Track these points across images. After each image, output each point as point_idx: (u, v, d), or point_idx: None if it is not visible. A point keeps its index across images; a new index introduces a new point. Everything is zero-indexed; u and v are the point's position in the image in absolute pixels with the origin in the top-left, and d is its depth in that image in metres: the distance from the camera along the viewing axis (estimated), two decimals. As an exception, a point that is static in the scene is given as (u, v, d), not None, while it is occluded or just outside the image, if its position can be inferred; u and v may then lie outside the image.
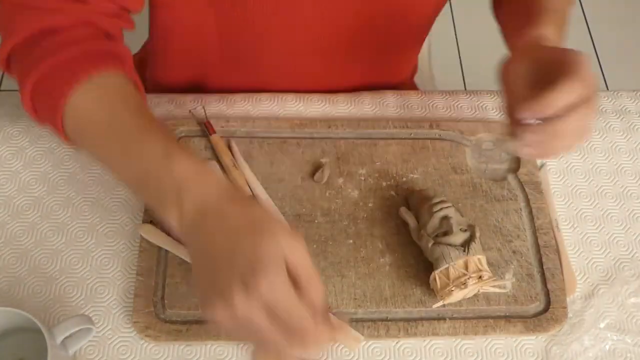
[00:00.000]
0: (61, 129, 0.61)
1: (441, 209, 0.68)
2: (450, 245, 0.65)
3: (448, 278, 0.65)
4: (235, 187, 0.69)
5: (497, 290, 0.67)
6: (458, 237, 0.66)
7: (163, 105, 0.81)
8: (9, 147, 0.76)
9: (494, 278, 0.65)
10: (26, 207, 0.72)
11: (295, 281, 0.49)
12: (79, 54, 0.61)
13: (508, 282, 0.67)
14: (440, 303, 0.66)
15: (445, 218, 0.67)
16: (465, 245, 0.65)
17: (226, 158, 0.74)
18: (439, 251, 0.65)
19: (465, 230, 0.67)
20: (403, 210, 0.71)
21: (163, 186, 0.54)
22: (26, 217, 0.72)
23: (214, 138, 0.75)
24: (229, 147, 0.75)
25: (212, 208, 0.52)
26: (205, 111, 0.77)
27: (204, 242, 0.52)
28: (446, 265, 0.64)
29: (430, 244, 0.66)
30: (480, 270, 0.65)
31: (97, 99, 0.60)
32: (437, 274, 0.65)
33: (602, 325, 0.68)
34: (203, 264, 0.52)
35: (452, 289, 0.64)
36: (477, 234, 0.67)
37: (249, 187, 0.73)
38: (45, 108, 0.62)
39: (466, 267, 0.65)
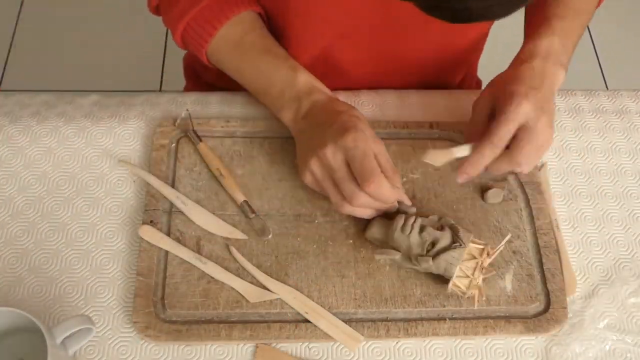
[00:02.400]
0: (205, 58, 0.78)
1: (411, 225, 0.67)
2: (446, 249, 0.65)
3: (466, 275, 0.65)
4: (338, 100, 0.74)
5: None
6: (445, 237, 0.66)
7: (163, 106, 0.81)
8: (9, 147, 0.76)
9: (493, 246, 0.67)
10: (26, 207, 0.72)
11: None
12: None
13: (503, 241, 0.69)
14: (476, 300, 0.66)
15: (422, 230, 0.66)
16: (456, 238, 0.66)
17: (213, 166, 0.74)
18: (443, 260, 0.65)
19: (442, 226, 0.67)
20: (378, 252, 0.69)
21: (286, 91, 0.72)
22: (26, 217, 0.72)
23: (202, 147, 0.75)
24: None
25: (322, 102, 0.71)
26: (191, 120, 0.77)
27: (311, 123, 0.70)
28: (459, 267, 0.65)
29: (430, 262, 0.65)
30: (482, 245, 0.66)
31: (234, 35, 0.76)
32: (454, 280, 0.65)
33: (602, 325, 0.68)
34: (306, 138, 0.69)
35: (478, 280, 0.65)
36: (451, 220, 0.67)
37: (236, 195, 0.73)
38: (193, 46, 0.78)
39: (471, 254, 0.65)
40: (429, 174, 0.76)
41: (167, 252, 0.69)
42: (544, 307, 0.68)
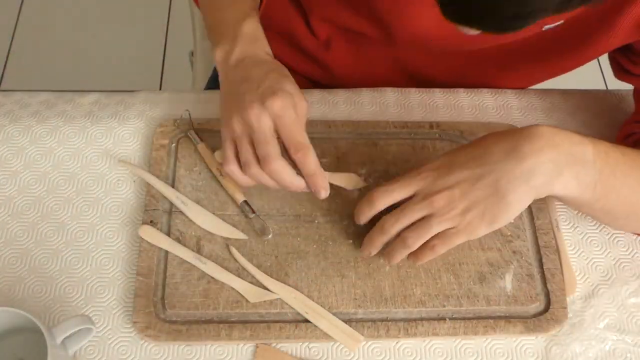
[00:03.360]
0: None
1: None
2: None
3: None
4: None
5: None
6: None
7: (162, 106, 0.81)
8: (9, 147, 0.76)
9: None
10: (26, 207, 0.72)
11: None
12: None
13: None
14: None
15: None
16: None
17: (213, 166, 0.74)
18: None
19: None
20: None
21: (227, 30, 0.70)
22: (26, 217, 0.72)
23: (202, 147, 0.75)
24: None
25: (253, 56, 0.68)
26: (191, 120, 0.77)
27: (239, 76, 0.67)
28: None
29: None
30: None
31: None
32: None
33: (602, 325, 0.68)
34: (232, 91, 0.67)
35: None
36: None
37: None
38: None
39: None
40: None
41: (167, 252, 0.69)
42: (544, 307, 0.68)
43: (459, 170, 0.61)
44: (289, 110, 0.63)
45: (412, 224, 0.63)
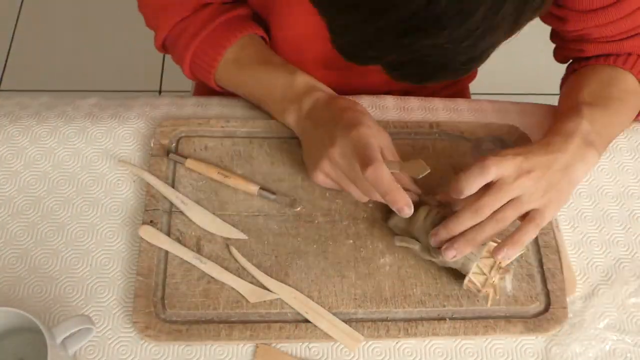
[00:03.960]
0: (214, 84, 0.79)
1: (433, 216, 0.67)
2: None
3: (482, 272, 0.65)
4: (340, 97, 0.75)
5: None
6: None
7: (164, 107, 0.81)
8: (9, 147, 0.76)
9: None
10: (26, 207, 0.72)
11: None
12: (218, 27, 0.77)
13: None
14: (490, 298, 0.66)
15: (443, 220, 0.66)
16: None
17: (213, 174, 0.73)
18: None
19: None
20: (398, 239, 0.69)
21: (286, 93, 0.73)
22: (26, 217, 0.72)
23: (190, 163, 0.74)
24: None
25: (323, 100, 0.72)
26: (167, 145, 0.76)
27: (315, 122, 0.70)
28: (476, 263, 0.65)
29: None
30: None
31: (235, 55, 0.77)
32: (470, 277, 0.65)
33: (602, 325, 0.68)
34: (312, 138, 0.70)
35: (494, 279, 0.64)
36: None
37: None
38: (201, 75, 0.80)
39: (489, 252, 0.65)
40: (429, 174, 0.75)
41: (167, 252, 0.69)
42: (544, 307, 0.68)
43: (534, 156, 0.64)
44: (366, 137, 0.64)
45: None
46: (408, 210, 0.62)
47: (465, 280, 0.66)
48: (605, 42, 0.75)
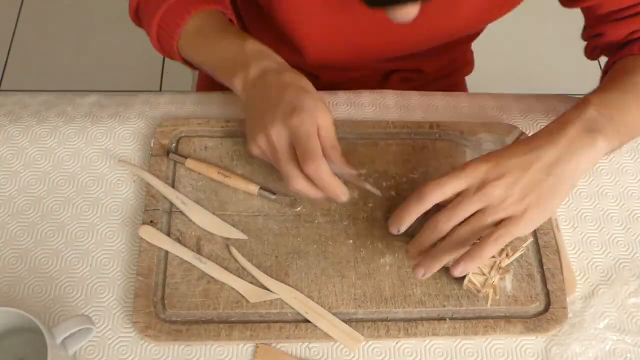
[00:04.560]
0: (177, 54, 0.77)
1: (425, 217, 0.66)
2: None
3: (482, 273, 0.64)
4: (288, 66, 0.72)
5: (517, 254, 0.66)
6: None
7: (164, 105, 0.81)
8: (9, 147, 0.76)
9: (514, 246, 0.65)
10: (26, 207, 0.72)
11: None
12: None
13: (527, 243, 0.68)
14: (490, 298, 0.65)
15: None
16: None
17: (213, 174, 0.74)
18: None
19: None
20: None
21: (236, 59, 0.71)
22: (26, 217, 0.72)
23: (190, 163, 0.74)
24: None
25: (271, 71, 0.69)
26: (167, 145, 0.76)
27: (260, 94, 0.68)
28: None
29: None
30: (502, 249, 0.64)
31: (197, 25, 0.75)
32: (470, 277, 0.65)
33: (602, 325, 0.68)
34: (255, 110, 0.68)
35: (494, 279, 0.64)
36: None
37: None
38: (166, 43, 0.77)
39: None
40: (429, 174, 0.76)
41: (167, 252, 0.69)
42: (544, 307, 0.68)
43: (507, 159, 0.61)
44: (306, 122, 0.64)
45: (464, 221, 0.61)
46: (344, 197, 0.65)
47: (465, 281, 0.66)
48: (620, 19, 0.74)
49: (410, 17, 0.60)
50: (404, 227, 0.63)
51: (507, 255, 0.66)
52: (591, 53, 0.83)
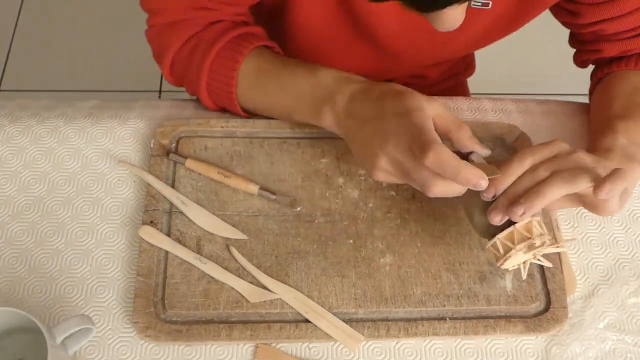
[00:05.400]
0: (237, 106, 0.75)
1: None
2: None
3: (513, 243, 0.62)
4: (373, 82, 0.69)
5: (555, 250, 0.64)
6: None
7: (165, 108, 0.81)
8: (9, 147, 0.76)
9: (552, 244, 0.63)
10: (26, 207, 0.72)
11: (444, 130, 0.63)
12: (228, 43, 0.73)
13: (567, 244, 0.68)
14: (501, 263, 0.63)
15: None
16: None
17: (213, 173, 0.73)
18: None
19: None
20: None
21: (315, 93, 0.68)
22: (26, 217, 0.72)
23: (190, 163, 0.74)
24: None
25: (358, 93, 0.66)
26: (171, 146, 0.76)
27: (358, 121, 0.65)
28: (511, 229, 0.61)
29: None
30: (542, 235, 0.62)
31: (253, 67, 0.73)
32: (500, 239, 0.62)
33: (602, 325, 0.68)
34: (360, 137, 0.65)
35: (518, 252, 0.61)
36: None
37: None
38: (221, 93, 0.75)
39: (529, 230, 0.62)
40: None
41: (167, 253, 0.69)
42: (544, 307, 0.68)
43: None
44: (417, 125, 0.60)
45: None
46: (484, 183, 0.57)
47: (489, 244, 0.63)
48: (622, 39, 0.75)
49: (457, 23, 0.55)
50: (501, 190, 0.62)
51: (543, 244, 0.63)
52: (582, 63, 0.84)
